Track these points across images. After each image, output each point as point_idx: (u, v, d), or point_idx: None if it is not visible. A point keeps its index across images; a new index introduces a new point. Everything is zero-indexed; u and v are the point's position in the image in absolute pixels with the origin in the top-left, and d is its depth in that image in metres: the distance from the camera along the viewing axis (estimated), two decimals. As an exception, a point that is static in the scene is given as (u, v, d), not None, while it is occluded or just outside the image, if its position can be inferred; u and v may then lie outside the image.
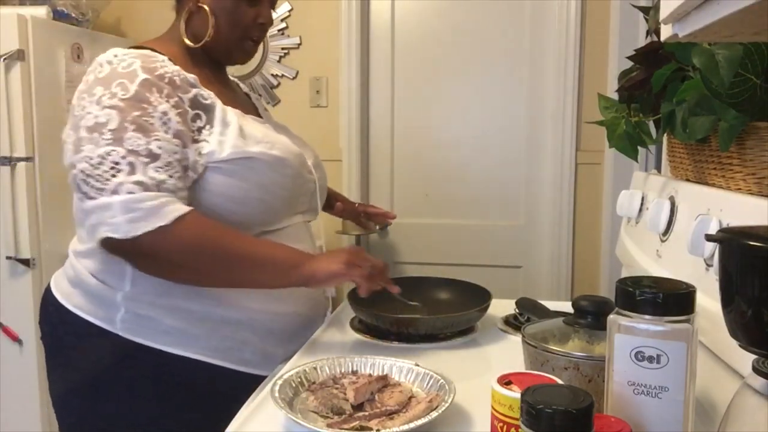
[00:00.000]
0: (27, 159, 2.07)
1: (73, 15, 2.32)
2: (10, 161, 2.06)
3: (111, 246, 0.94)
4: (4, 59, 2.01)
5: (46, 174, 2.11)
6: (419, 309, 1.16)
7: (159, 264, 0.97)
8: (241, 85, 1.32)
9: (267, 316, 1.08)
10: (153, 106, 0.95)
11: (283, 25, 2.65)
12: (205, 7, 1.07)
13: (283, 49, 2.66)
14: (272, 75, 2.67)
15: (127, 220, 0.90)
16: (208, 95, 1.03)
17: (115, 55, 1.00)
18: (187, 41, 1.09)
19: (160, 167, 0.93)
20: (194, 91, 1.01)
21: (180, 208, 0.93)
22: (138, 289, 1.02)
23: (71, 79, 2.21)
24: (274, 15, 2.55)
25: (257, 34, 1.13)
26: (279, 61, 2.66)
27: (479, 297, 1.22)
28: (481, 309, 1.16)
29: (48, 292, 1.12)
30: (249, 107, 1.22)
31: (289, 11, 2.64)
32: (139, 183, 0.91)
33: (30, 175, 2.08)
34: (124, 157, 0.92)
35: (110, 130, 0.93)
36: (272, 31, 2.63)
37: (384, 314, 1.12)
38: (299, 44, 2.65)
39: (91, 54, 2.30)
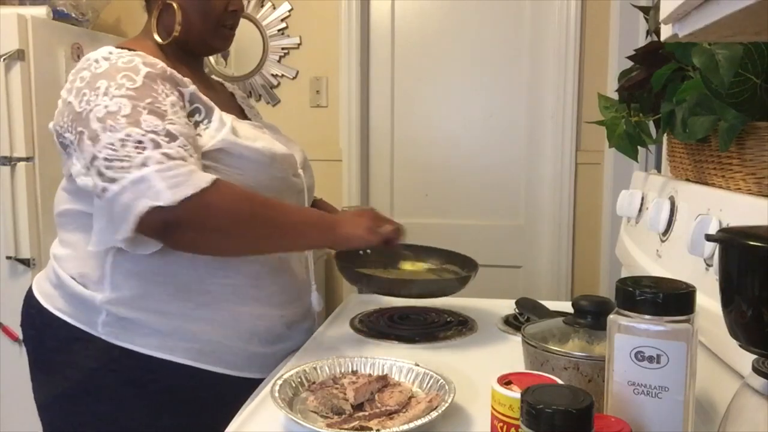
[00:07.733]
0: (27, 159, 2.07)
1: (73, 15, 2.31)
2: (10, 161, 2.05)
3: (153, 219, 0.87)
4: (4, 59, 2.01)
5: (46, 174, 2.10)
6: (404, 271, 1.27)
7: (201, 233, 0.93)
8: (227, 85, 1.30)
9: (250, 318, 1.06)
10: (162, 95, 0.95)
11: (283, 25, 2.65)
12: (173, 4, 1.06)
13: (283, 49, 2.66)
14: (272, 75, 2.67)
15: (168, 186, 0.86)
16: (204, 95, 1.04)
17: (110, 53, 0.99)
18: (157, 37, 1.08)
19: (181, 146, 0.92)
20: (192, 87, 1.02)
21: (211, 175, 0.91)
22: (118, 293, 1.00)
23: (71, 79, 2.20)
24: (275, 15, 2.61)
25: (230, 21, 1.12)
26: (279, 61, 2.66)
27: (468, 264, 1.30)
28: (468, 275, 1.20)
29: (30, 294, 1.11)
30: (232, 108, 1.21)
31: (289, 11, 2.64)
32: (166, 155, 0.89)
33: (30, 175, 2.08)
34: (144, 135, 0.90)
35: (124, 116, 0.91)
36: (272, 31, 2.63)
37: (377, 276, 1.16)
38: (299, 44, 2.65)
39: (91, 54, 2.29)
